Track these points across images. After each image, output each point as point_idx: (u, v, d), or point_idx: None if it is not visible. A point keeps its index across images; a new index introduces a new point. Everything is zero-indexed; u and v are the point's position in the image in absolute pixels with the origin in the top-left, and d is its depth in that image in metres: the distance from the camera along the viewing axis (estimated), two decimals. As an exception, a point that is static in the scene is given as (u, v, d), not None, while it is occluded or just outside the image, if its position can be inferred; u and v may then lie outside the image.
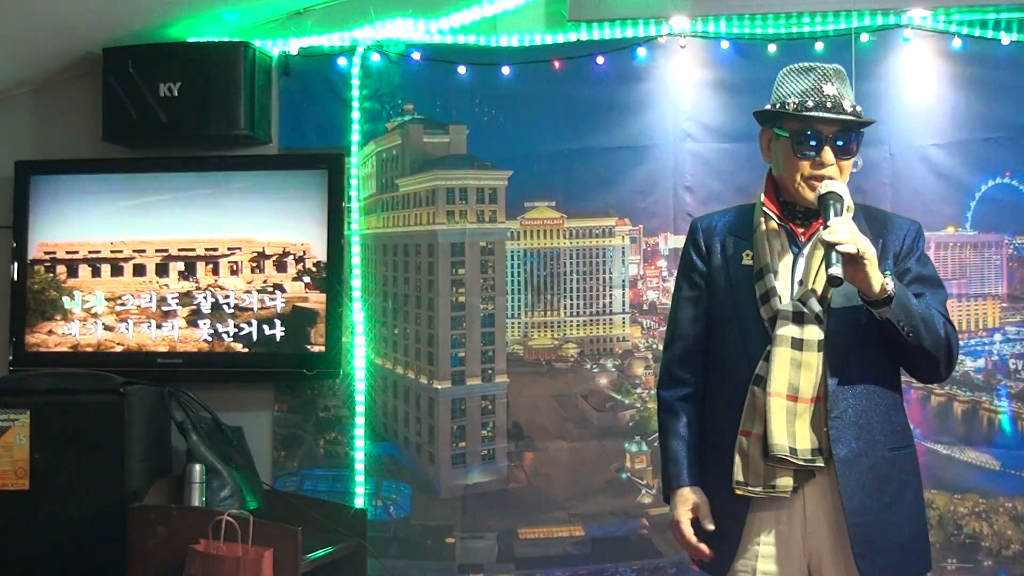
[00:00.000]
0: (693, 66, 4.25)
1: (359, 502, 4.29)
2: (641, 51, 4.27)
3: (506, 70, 4.32)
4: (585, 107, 4.29)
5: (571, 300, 4.36)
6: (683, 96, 4.25)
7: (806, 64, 2.62)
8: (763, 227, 2.64)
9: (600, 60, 4.28)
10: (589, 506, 4.26)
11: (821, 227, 2.49)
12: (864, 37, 4.13)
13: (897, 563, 2.57)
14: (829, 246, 2.40)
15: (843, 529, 2.53)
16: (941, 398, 4.14)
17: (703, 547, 2.63)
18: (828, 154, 2.56)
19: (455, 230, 4.39)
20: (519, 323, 4.36)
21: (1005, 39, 4.07)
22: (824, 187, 2.52)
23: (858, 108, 2.58)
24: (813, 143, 2.56)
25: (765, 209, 2.64)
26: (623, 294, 4.31)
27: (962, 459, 4.10)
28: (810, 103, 2.54)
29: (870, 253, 2.42)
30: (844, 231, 2.41)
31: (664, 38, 4.25)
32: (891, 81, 4.14)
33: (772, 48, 4.19)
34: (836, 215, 2.47)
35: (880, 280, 2.45)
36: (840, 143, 2.57)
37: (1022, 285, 4.13)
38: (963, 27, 4.10)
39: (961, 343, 4.08)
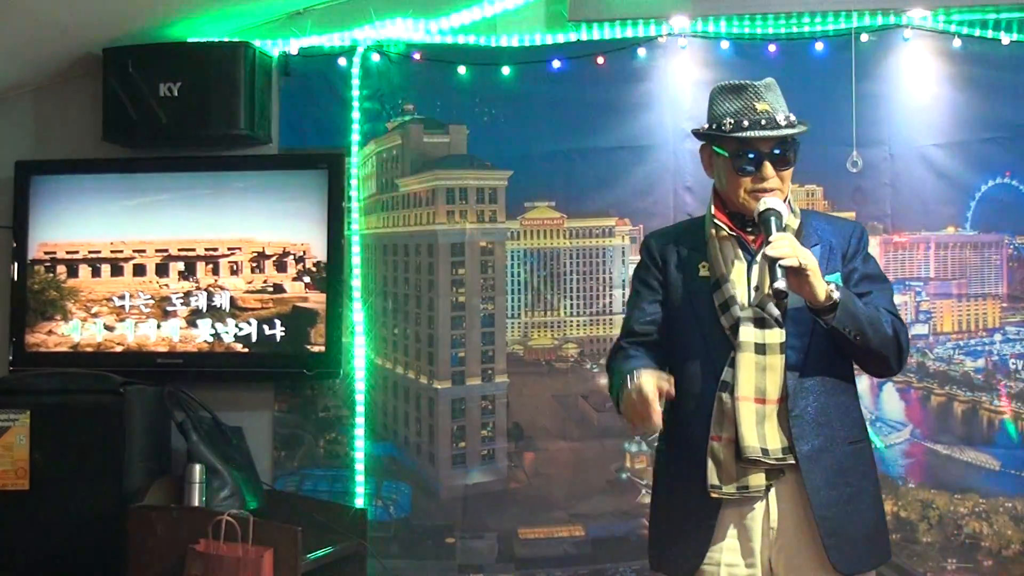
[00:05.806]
0: (693, 66, 4.25)
1: (359, 502, 4.29)
2: (641, 51, 4.27)
3: (506, 70, 4.32)
4: (585, 107, 4.29)
5: (571, 300, 4.36)
6: (683, 96, 4.25)
7: (736, 83, 2.68)
8: (715, 238, 2.70)
9: (600, 60, 4.28)
10: (589, 506, 4.26)
11: (763, 243, 2.54)
12: (864, 37, 4.13)
13: (863, 552, 2.63)
14: (772, 261, 2.47)
15: (806, 524, 2.59)
16: (941, 398, 4.14)
17: (656, 408, 2.47)
18: (768, 168, 2.62)
19: (455, 230, 4.39)
20: (519, 323, 4.36)
21: (1005, 39, 4.07)
22: (762, 204, 2.59)
23: (791, 117, 2.64)
24: (752, 160, 2.62)
25: (716, 221, 2.70)
26: (623, 294, 4.30)
27: (962, 459, 4.10)
28: (745, 122, 2.61)
29: (812, 264, 2.48)
30: (785, 245, 2.48)
31: (664, 38, 4.25)
32: (891, 81, 4.15)
33: (772, 48, 4.19)
34: (777, 230, 2.53)
35: (824, 288, 2.51)
36: (778, 155, 2.63)
37: (1022, 285, 4.13)
38: (963, 27, 4.11)
39: (961, 343, 4.13)
